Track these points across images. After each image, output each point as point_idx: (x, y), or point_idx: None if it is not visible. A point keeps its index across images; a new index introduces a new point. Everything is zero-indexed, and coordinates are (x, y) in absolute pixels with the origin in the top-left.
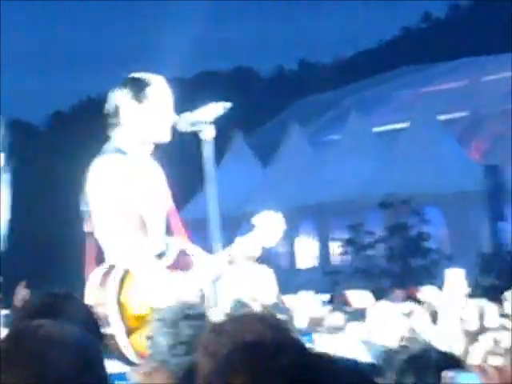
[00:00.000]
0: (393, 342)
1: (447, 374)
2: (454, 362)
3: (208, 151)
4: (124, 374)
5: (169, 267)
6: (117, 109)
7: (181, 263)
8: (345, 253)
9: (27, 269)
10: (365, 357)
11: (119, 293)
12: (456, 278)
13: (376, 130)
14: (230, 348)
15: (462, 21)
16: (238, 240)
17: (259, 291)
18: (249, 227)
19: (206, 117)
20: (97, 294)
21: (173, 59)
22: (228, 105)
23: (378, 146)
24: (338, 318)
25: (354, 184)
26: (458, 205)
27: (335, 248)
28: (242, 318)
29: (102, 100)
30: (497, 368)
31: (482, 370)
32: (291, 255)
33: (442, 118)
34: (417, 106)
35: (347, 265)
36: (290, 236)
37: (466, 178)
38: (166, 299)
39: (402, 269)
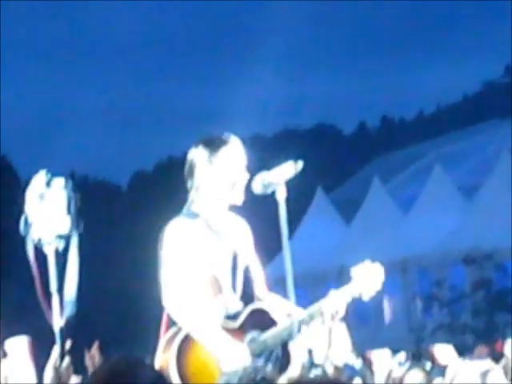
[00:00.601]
0: None
1: None
2: None
3: (282, 211)
4: None
5: (240, 328)
6: (192, 170)
7: (256, 322)
8: (429, 308)
9: (104, 331)
10: None
11: (179, 357)
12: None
13: (458, 184)
14: None
15: None
16: (333, 293)
17: (332, 350)
18: (334, 284)
19: (278, 178)
20: (162, 359)
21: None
22: (300, 165)
23: (460, 199)
24: (416, 375)
25: (437, 239)
26: None
27: (420, 303)
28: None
29: (183, 159)
30: None
31: None
32: (378, 311)
33: None
34: (500, 161)
35: (431, 320)
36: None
37: None
38: (229, 363)
39: (487, 324)
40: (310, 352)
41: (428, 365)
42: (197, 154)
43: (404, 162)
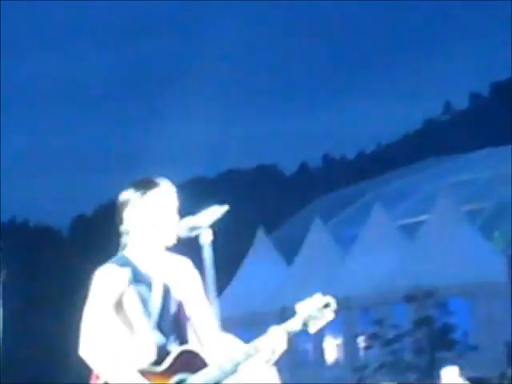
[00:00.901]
0: None
1: None
2: None
3: (207, 254)
4: None
5: (167, 371)
6: (121, 213)
7: (185, 364)
8: (371, 347)
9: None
10: None
11: None
12: (452, 376)
13: (398, 222)
14: None
15: (484, 110)
16: (272, 329)
17: None
18: (277, 324)
19: (203, 221)
20: None
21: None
22: (225, 208)
23: (401, 238)
24: None
25: (378, 277)
26: (483, 295)
27: (361, 343)
28: None
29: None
30: None
31: None
32: (319, 351)
33: (466, 208)
34: (440, 198)
35: (373, 359)
36: (317, 332)
37: (491, 269)
38: None
39: (429, 362)
40: None
41: None
42: (125, 197)
43: (344, 202)
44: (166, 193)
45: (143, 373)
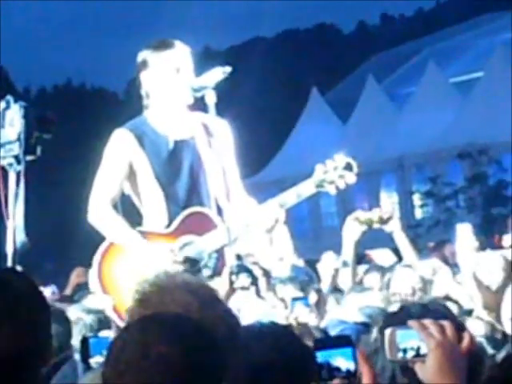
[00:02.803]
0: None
1: (387, 331)
2: (434, 316)
3: (212, 114)
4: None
5: (174, 232)
6: (140, 71)
7: (193, 226)
8: (425, 205)
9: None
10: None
11: (101, 265)
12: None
13: (453, 80)
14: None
15: None
16: (269, 201)
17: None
18: None
19: (206, 82)
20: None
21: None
22: (228, 69)
23: (455, 96)
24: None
25: (432, 135)
26: None
27: (416, 200)
28: (168, 289)
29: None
30: (437, 324)
31: (422, 326)
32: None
33: None
34: (494, 55)
35: (428, 217)
36: (373, 191)
37: None
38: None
39: (483, 219)
40: (238, 257)
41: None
42: (141, 58)
43: (399, 60)
44: (180, 53)
45: (148, 234)
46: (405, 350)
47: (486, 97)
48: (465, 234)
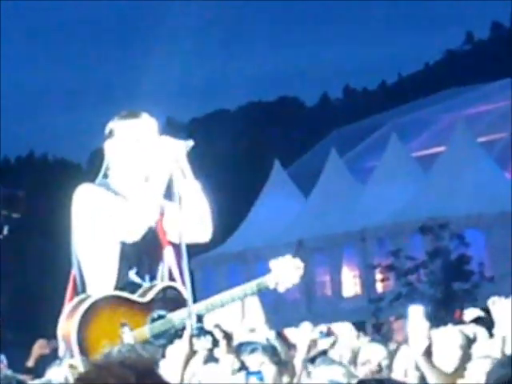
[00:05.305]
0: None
1: None
2: None
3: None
4: None
5: (149, 304)
6: (105, 140)
7: (166, 301)
8: (387, 279)
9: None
10: None
11: (81, 326)
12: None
13: (415, 154)
14: None
15: (505, 41)
16: (251, 284)
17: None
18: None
19: (168, 156)
20: (64, 326)
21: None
22: (191, 143)
23: (417, 170)
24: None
25: (394, 209)
26: (498, 226)
27: (378, 274)
28: (105, 365)
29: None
30: None
31: None
32: (337, 283)
33: (482, 139)
34: (456, 130)
35: (390, 291)
36: (334, 264)
37: (506, 199)
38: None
39: (444, 293)
40: (199, 318)
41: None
42: (108, 128)
43: (361, 134)
44: (143, 123)
45: (123, 299)
46: None
47: (448, 171)
48: (417, 316)
